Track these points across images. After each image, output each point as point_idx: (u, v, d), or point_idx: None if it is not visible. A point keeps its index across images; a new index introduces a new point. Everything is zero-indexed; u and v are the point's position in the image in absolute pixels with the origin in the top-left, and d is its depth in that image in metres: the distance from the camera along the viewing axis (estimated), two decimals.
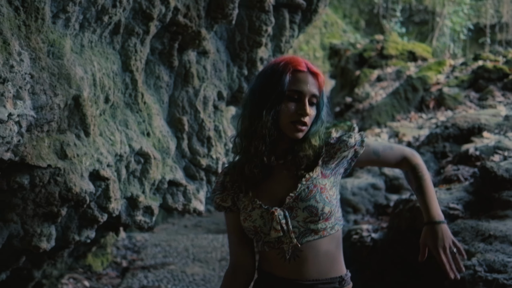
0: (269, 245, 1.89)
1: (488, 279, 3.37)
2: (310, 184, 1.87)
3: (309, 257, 1.86)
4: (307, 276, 1.87)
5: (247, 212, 1.89)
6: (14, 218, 2.53)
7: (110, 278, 6.04)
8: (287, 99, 1.84)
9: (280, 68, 1.88)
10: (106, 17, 2.76)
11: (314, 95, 1.86)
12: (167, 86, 3.49)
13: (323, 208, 1.85)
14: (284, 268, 1.88)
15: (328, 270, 1.90)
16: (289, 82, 1.84)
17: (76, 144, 2.63)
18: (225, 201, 1.96)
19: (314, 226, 1.85)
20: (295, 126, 1.84)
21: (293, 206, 1.85)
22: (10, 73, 2.04)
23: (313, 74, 1.88)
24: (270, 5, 3.80)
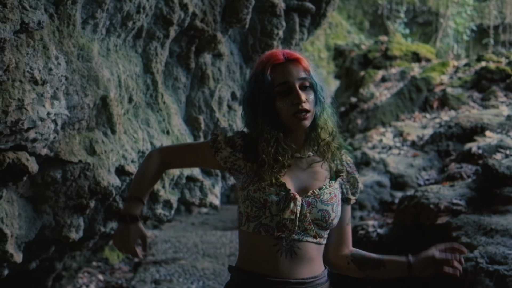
0: (266, 228, 1.81)
1: (489, 270, 3.54)
2: (332, 191, 1.86)
3: (304, 259, 1.82)
4: (304, 275, 1.82)
5: (263, 185, 1.81)
6: (46, 210, 2.72)
7: (123, 272, 6.25)
8: (278, 95, 1.82)
9: (260, 69, 1.86)
10: (130, 23, 2.95)
11: (303, 79, 1.83)
12: (185, 87, 3.68)
13: (333, 219, 1.84)
14: (278, 266, 1.81)
15: (318, 267, 1.87)
16: (273, 79, 1.82)
17: (104, 141, 2.82)
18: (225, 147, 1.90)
19: (318, 230, 1.83)
20: (297, 117, 1.80)
21: (311, 202, 1.82)
22: (49, 76, 2.23)
23: (293, 60, 1.85)
24: (281, 10, 3.98)
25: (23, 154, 2.26)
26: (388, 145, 7.62)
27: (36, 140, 2.27)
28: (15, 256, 2.55)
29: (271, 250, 1.80)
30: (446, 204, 4.45)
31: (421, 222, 4.54)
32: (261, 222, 1.81)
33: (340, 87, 13.13)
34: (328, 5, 4.36)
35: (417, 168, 6.48)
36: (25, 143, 2.23)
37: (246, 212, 1.83)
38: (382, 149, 7.52)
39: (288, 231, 1.79)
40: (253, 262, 1.83)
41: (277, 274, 1.80)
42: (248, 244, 1.86)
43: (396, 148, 7.39)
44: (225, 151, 1.91)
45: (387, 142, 7.72)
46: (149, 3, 2.99)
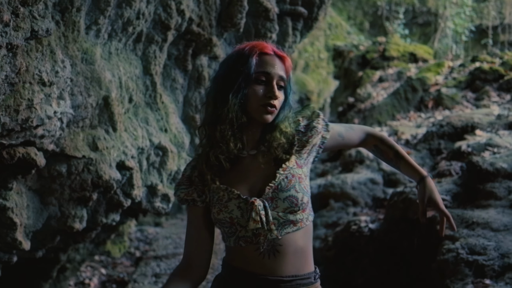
0: (245, 240, 1.79)
1: (469, 260, 3.75)
2: (288, 173, 1.82)
3: (288, 252, 1.80)
4: (286, 272, 1.80)
5: (223, 203, 1.79)
6: (53, 202, 2.95)
7: (125, 266, 6.47)
8: (254, 82, 1.80)
9: (246, 51, 1.83)
10: (131, 28, 3.17)
11: (281, 78, 1.83)
12: (182, 87, 3.90)
13: (302, 198, 1.80)
14: (262, 265, 1.80)
15: (304, 265, 1.84)
16: (256, 64, 1.80)
17: (106, 138, 3.04)
18: (190, 195, 1.86)
19: (293, 217, 1.80)
20: (265, 108, 1.79)
21: (273, 196, 1.78)
22: (55, 78, 2.45)
23: (279, 57, 1.85)
24: (275, 14, 4.19)
25: (32, 149, 2.48)
26: None
27: (44, 137, 2.49)
28: (24, 243, 2.77)
29: (255, 255, 1.79)
30: None
31: (409, 216, 4.75)
32: (238, 235, 1.79)
33: (339, 87, 13.34)
34: (320, 9, 4.57)
35: None
36: (34, 139, 2.45)
37: (222, 231, 1.83)
38: None
39: (262, 236, 1.77)
40: (238, 261, 1.83)
41: (259, 271, 1.79)
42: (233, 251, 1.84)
43: None
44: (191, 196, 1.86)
45: None
46: (148, 9, 3.21)
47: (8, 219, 2.62)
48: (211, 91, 1.89)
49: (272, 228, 1.75)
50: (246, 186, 1.81)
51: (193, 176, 1.87)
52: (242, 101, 1.79)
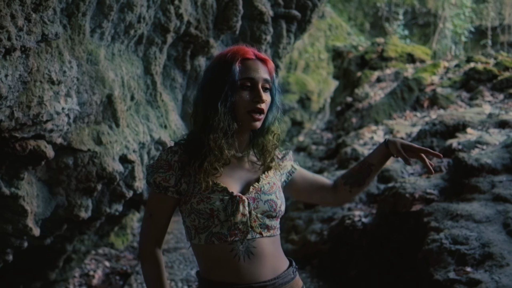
0: (218, 237, 1.78)
1: (451, 250, 3.96)
2: (270, 180, 1.89)
3: (263, 255, 1.80)
4: (265, 276, 1.81)
5: (205, 194, 1.78)
6: (60, 192, 3.18)
7: (127, 260, 6.70)
8: (240, 88, 1.81)
9: (228, 58, 1.83)
10: (132, 31, 3.40)
11: (266, 81, 1.84)
12: (181, 86, 4.13)
13: (280, 205, 1.86)
14: (238, 270, 1.78)
15: (280, 265, 1.86)
16: (240, 71, 1.80)
17: (109, 133, 3.28)
18: (167, 181, 1.84)
19: (269, 221, 1.83)
20: (252, 116, 1.81)
21: (255, 197, 1.81)
22: (63, 77, 2.68)
23: (262, 60, 1.86)
24: (269, 17, 4.42)
25: (42, 142, 2.71)
26: (378, 142, 8.04)
27: (53, 131, 2.72)
28: (34, 230, 3.01)
29: (228, 257, 1.78)
30: (420, 193, 4.88)
31: (398, 210, 4.97)
32: (212, 231, 1.78)
33: (339, 87, 13.55)
34: (313, 12, 4.80)
35: (402, 163, 6.90)
36: (44, 133, 2.68)
37: (193, 226, 1.80)
38: (373, 145, 7.93)
39: (241, 233, 1.78)
40: (213, 271, 1.82)
41: (239, 280, 1.78)
42: (204, 256, 1.84)
43: None
44: (169, 182, 1.84)
45: (378, 139, 8.15)
46: (148, 13, 3.44)
47: (20, 207, 2.85)
48: (199, 100, 1.89)
49: (254, 225, 1.79)
50: (231, 183, 1.83)
51: (172, 160, 1.84)
52: (231, 108, 1.80)
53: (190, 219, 1.80)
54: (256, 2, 4.30)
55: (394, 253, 5.00)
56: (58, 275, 4.87)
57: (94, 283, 5.81)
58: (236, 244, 1.78)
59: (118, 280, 6.01)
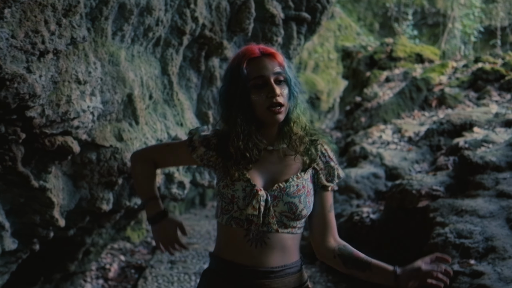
0: (237, 221, 1.86)
1: (456, 243, 4.12)
2: (300, 183, 1.87)
3: (275, 248, 1.86)
4: (274, 264, 1.86)
5: (231, 181, 1.86)
6: (84, 185, 3.37)
7: (142, 254, 6.91)
8: (253, 88, 1.83)
9: (236, 63, 1.89)
10: (151, 33, 3.58)
11: (277, 73, 1.85)
12: (196, 86, 4.31)
13: (302, 210, 1.85)
14: (250, 255, 1.86)
15: (291, 256, 1.90)
16: (248, 72, 1.84)
17: (129, 130, 3.46)
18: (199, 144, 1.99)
19: (287, 221, 1.86)
20: (271, 111, 1.83)
21: (277, 195, 1.84)
22: (88, 77, 2.87)
23: (268, 55, 1.87)
24: (280, 20, 4.59)
25: (69, 138, 2.91)
26: (386, 140, 8.19)
27: (79, 127, 2.91)
28: (60, 221, 3.20)
29: (242, 241, 1.85)
30: (426, 190, 5.04)
31: (405, 206, 5.13)
32: (232, 215, 1.87)
33: (348, 87, 13.69)
34: (322, 14, 4.96)
35: (410, 161, 7.06)
36: (71, 130, 2.87)
37: (220, 206, 1.92)
38: (381, 144, 8.09)
39: (254, 224, 1.84)
40: (227, 251, 1.90)
41: (248, 263, 1.85)
42: (222, 235, 1.94)
43: (394, 144, 7.96)
44: (199, 150, 1.98)
45: (386, 138, 8.30)
46: (166, 17, 3.62)
47: (47, 199, 3.04)
48: (219, 107, 1.98)
49: (271, 222, 1.83)
50: (258, 176, 1.88)
51: (211, 141, 1.98)
52: (248, 110, 1.85)
53: (217, 199, 1.95)
54: (268, 5, 4.47)
55: (401, 248, 5.15)
56: (77, 267, 5.07)
57: (110, 276, 6.02)
58: (251, 231, 1.84)
59: (133, 274, 6.21)
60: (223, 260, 1.91)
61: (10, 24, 2.08)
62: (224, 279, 1.91)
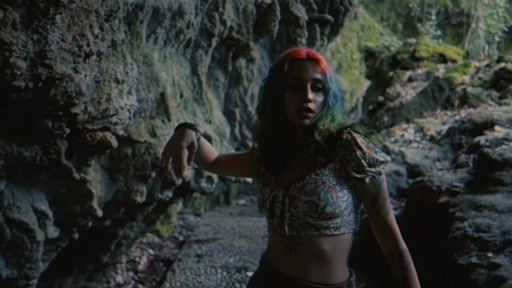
0: (273, 227, 1.87)
1: (474, 237, 4.25)
2: (318, 179, 1.79)
3: (310, 255, 1.80)
4: (313, 279, 1.80)
5: (263, 185, 1.91)
6: (120, 178, 3.60)
7: (170, 248, 7.15)
8: (289, 88, 1.83)
9: (281, 60, 1.89)
10: (182, 36, 3.80)
11: (316, 80, 1.82)
12: (223, 85, 4.52)
13: (324, 207, 1.76)
14: (288, 263, 1.83)
15: (332, 275, 1.82)
16: (288, 71, 1.83)
17: (162, 127, 3.68)
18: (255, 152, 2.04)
19: (313, 221, 1.79)
20: (300, 113, 1.81)
21: (295, 195, 1.80)
22: (126, 77, 3.09)
23: (313, 60, 1.85)
24: (304, 22, 4.78)
25: (108, 133, 3.13)
26: (408, 139, 8.31)
27: (117, 124, 3.14)
28: (98, 211, 3.43)
29: (279, 247, 1.85)
30: (447, 186, 5.17)
31: (425, 202, 5.27)
32: (269, 221, 1.89)
33: (371, 87, 13.77)
34: (345, 16, 5.14)
35: (432, 159, 7.17)
36: (110, 126, 3.10)
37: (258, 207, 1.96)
38: (403, 143, 8.20)
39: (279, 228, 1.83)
40: (269, 255, 1.92)
41: (287, 271, 1.83)
42: (269, 240, 1.97)
43: (416, 142, 8.07)
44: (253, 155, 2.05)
45: (408, 137, 8.41)
46: (196, 20, 3.84)
47: (87, 190, 3.28)
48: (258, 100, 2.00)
49: (284, 224, 1.81)
50: (283, 178, 1.88)
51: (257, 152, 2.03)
52: (279, 107, 1.85)
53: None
54: (292, 7, 4.66)
55: (421, 243, 5.29)
56: (109, 259, 5.32)
57: (140, 268, 6.27)
58: (284, 237, 1.83)
59: (162, 267, 6.45)
60: (267, 263, 1.93)
61: (60, 29, 2.31)
62: (266, 285, 1.91)
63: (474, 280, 3.84)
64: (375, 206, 1.83)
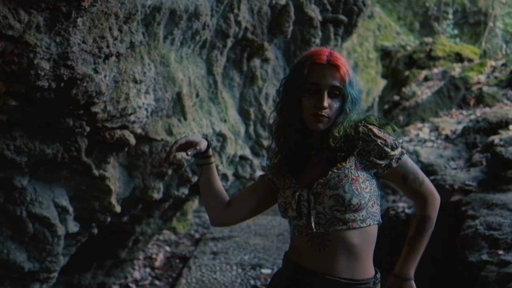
0: (298, 229, 1.88)
1: (485, 235, 4.29)
2: (341, 173, 1.82)
3: (339, 250, 1.81)
4: (341, 274, 1.82)
5: (283, 189, 1.91)
6: (137, 175, 3.71)
7: (186, 246, 7.27)
8: (307, 92, 1.83)
9: (301, 61, 1.89)
10: (198, 37, 3.90)
11: (335, 87, 1.82)
12: (238, 85, 4.62)
13: (350, 199, 1.79)
14: (315, 259, 1.84)
15: (360, 269, 1.84)
16: (307, 75, 1.83)
17: (178, 125, 3.79)
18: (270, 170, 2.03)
19: (341, 215, 1.81)
20: (314, 118, 1.82)
21: (320, 192, 1.82)
22: (143, 77, 3.20)
23: (333, 65, 1.83)
24: (318, 22, 4.86)
25: (126, 131, 3.25)
26: (423, 138, 8.34)
27: (135, 122, 3.25)
28: (116, 207, 3.55)
29: (305, 246, 1.86)
30: (459, 185, 5.22)
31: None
32: (293, 224, 1.90)
33: (387, 86, 13.79)
34: (359, 16, 5.21)
35: (446, 158, 7.20)
36: (128, 124, 3.21)
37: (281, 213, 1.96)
38: (418, 142, 8.23)
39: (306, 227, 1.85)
40: (293, 253, 1.93)
41: (313, 267, 1.84)
42: (292, 241, 1.98)
43: (431, 141, 8.09)
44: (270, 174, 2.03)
45: (423, 136, 8.44)
46: (212, 21, 3.93)
47: (106, 186, 3.39)
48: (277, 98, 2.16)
49: (310, 221, 1.82)
50: (304, 179, 1.90)
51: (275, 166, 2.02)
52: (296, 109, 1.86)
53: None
54: (306, 8, 4.74)
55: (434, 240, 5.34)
56: (127, 255, 5.44)
57: (156, 265, 6.39)
58: (311, 236, 1.84)
59: (178, 263, 6.57)
60: (291, 260, 1.93)
61: (82, 31, 2.42)
62: (291, 281, 1.92)
63: (484, 277, 3.89)
64: (407, 183, 1.91)
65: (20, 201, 3.15)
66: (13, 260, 3.22)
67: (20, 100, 2.45)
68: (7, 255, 3.20)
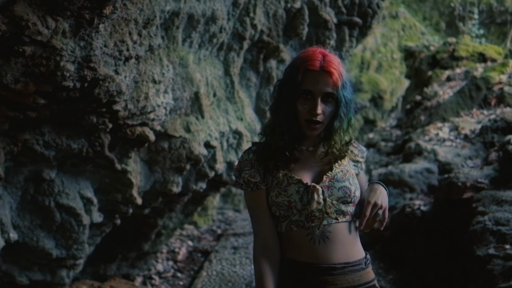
0: (297, 224, 1.89)
1: (493, 230, 4.42)
2: (343, 168, 1.95)
3: (337, 242, 1.88)
4: (337, 260, 1.88)
5: (282, 187, 1.90)
6: (157, 170, 3.95)
7: (208, 241, 7.51)
8: (301, 97, 1.87)
9: (296, 65, 1.91)
10: (215, 39, 4.12)
11: (327, 93, 1.86)
12: (255, 85, 4.83)
13: (355, 191, 1.91)
14: (312, 252, 1.88)
15: (353, 252, 1.92)
16: (301, 81, 1.86)
17: (196, 123, 4.02)
18: (253, 177, 1.94)
19: (344, 207, 1.89)
20: (308, 125, 1.88)
21: (329, 185, 1.89)
22: (162, 77, 3.43)
23: (326, 72, 1.85)
24: (333, 24, 5.03)
25: (146, 128, 3.48)
26: (443, 138, 8.42)
27: (154, 120, 3.48)
28: (137, 199, 3.79)
29: (304, 240, 1.88)
30: (472, 182, 5.34)
31: (451, 197, 5.45)
32: (291, 219, 1.90)
33: (410, 86, 13.83)
34: (373, 19, 5.37)
35: (464, 157, 7.29)
36: (148, 121, 3.44)
37: (277, 215, 1.93)
38: (437, 141, 8.32)
39: (317, 219, 1.87)
40: (290, 251, 1.93)
41: (311, 260, 1.88)
42: (284, 240, 1.94)
43: (449, 141, 8.18)
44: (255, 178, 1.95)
45: (442, 136, 8.52)
46: (228, 25, 4.15)
47: (128, 180, 3.64)
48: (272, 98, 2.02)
49: (330, 212, 1.87)
50: (305, 174, 1.93)
51: (252, 159, 1.96)
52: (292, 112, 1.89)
53: (272, 210, 1.93)
54: (321, 11, 4.92)
55: (447, 236, 5.47)
56: (150, 248, 5.70)
57: (179, 258, 6.64)
58: (313, 229, 1.88)
59: (200, 257, 6.81)
60: (288, 259, 1.94)
61: (103, 36, 2.65)
62: (288, 278, 1.93)
63: (490, 270, 4.02)
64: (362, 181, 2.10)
65: (48, 192, 3.41)
66: (42, 247, 3.48)
67: (48, 99, 2.69)
68: (37, 242, 3.46)
